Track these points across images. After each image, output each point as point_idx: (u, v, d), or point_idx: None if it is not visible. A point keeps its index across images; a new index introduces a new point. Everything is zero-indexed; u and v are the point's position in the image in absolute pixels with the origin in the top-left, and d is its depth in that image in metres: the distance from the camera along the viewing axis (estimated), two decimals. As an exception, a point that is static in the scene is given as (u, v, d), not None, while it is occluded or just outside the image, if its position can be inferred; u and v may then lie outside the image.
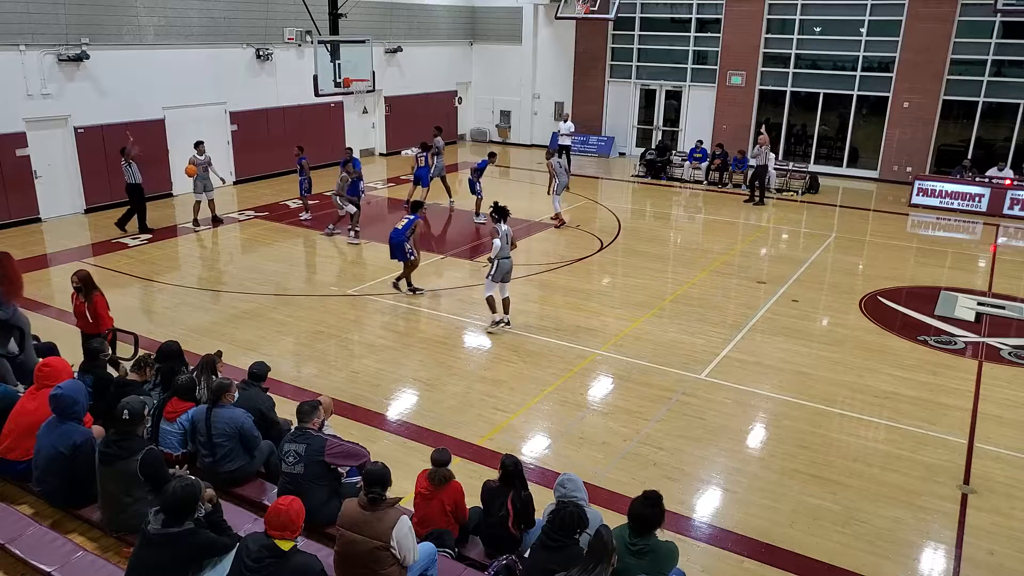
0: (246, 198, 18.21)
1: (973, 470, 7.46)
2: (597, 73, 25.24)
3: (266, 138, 19.81)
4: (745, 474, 7.35)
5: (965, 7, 19.51)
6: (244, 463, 6.05)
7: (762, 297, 12.13)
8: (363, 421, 8.13)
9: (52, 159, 15.68)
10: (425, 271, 13.29)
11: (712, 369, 9.55)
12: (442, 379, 9.21)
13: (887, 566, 6.11)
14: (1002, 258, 14.85)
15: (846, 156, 22.25)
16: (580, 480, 5.07)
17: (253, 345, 9.98)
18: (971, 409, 8.67)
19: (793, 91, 22.35)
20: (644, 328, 10.83)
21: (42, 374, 5.97)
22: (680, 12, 23.67)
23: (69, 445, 5.45)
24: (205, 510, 4.66)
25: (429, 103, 24.97)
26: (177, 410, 6.19)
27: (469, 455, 7.41)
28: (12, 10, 14.51)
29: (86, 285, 8.16)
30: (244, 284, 12.36)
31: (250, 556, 4.23)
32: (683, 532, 6.40)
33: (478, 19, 26.47)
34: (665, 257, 14.65)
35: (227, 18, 18.45)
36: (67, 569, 4.81)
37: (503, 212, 10.38)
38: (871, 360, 9.88)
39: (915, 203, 18.74)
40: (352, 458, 5.65)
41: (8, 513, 5.38)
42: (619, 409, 8.55)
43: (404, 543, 4.59)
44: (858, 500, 6.92)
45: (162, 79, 17.16)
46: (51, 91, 15.38)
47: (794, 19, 21.82)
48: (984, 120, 20.25)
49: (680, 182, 21.42)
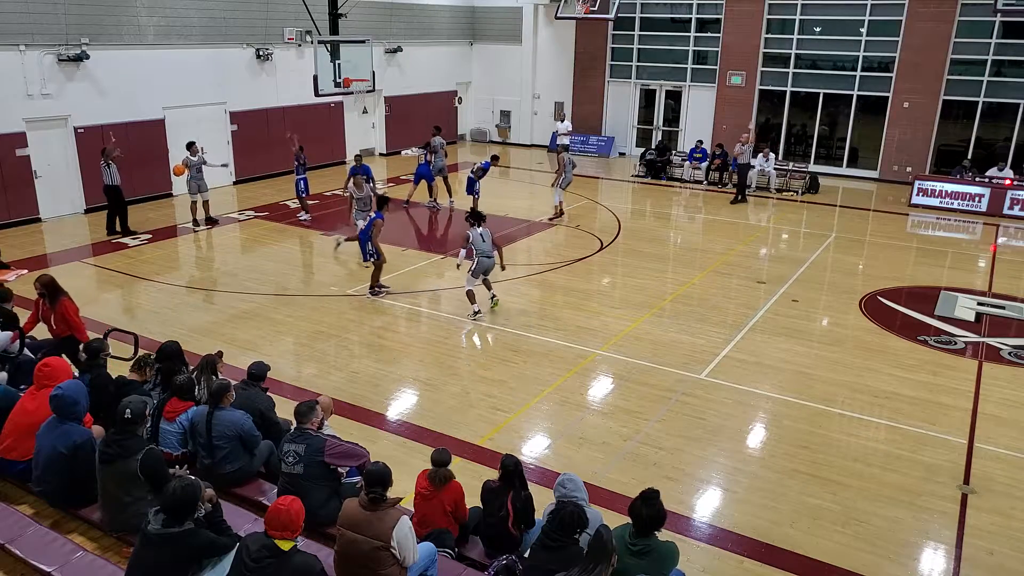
0: (246, 198, 18.20)
1: (973, 470, 7.46)
2: (597, 73, 25.23)
3: (266, 138, 19.81)
4: (745, 474, 7.35)
5: (965, 7, 19.50)
6: (244, 464, 6.05)
7: (762, 297, 12.13)
8: (363, 421, 8.13)
9: (52, 159, 15.69)
10: (425, 271, 13.29)
11: (712, 369, 9.55)
12: (442, 379, 9.21)
13: (887, 566, 6.11)
14: (1002, 258, 14.85)
15: (846, 156, 22.25)
16: (580, 480, 5.07)
17: (253, 345, 9.98)
18: (971, 409, 8.67)
19: (793, 91, 22.36)
20: (644, 328, 10.83)
21: (42, 374, 5.96)
22: (680, 12, 23.67)
23: (69, 445, 5.45)
24: (205, 510, 4.66)
25: (429, 103, 24.98)
26: (176, 410, 6.19)
27: (469, 455, 7.42)
28: (12, 10, 14.51)
29: (50, 291, 7.97)
30: (244, 284, 12.35)
31: (250, 556, 4.23)
32: (683, 532, 6.40)
33: (478, 19, 26.48)
34: (665, 257, 14.65)
35: (227, 18, 18.46)
36: (67, 569, 4.81)
37: (479, 216, 10.98)
38: (871, 360, 9.88)
39: (915, 203, 18.74)
40: (352, 458, 5.65)
41: (8, 513, 5.38)
42: (619, 409, 8.55)
43: (404, 543, 4.59)
44: (858, 500, 6.92)
45: (162, 79, 17.16)
46: (51, 91, 15.38)
47: (794, 19, 21.82)
48: (984, 120, 20.24)
49: (680, 182, 21.43)
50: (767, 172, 20.22)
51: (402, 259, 13.81)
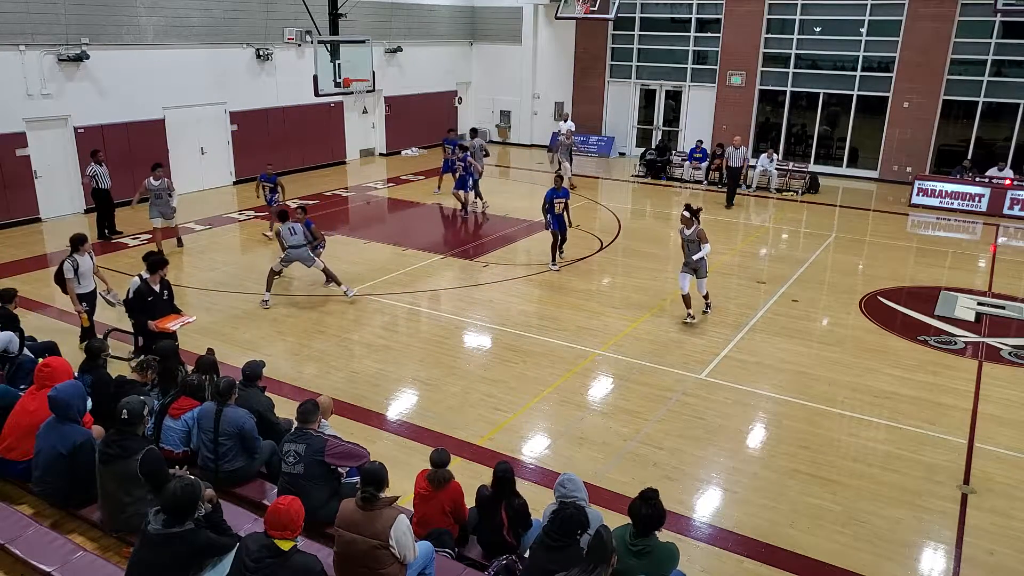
0: (246, 198, 18.18)
1: (973, 470, 7.46)
2: (597, 73, 25.23)
3: (266, 138, 19.81)
4: (745, 474, 7.35)
5: (965, 7, 19.50)
6: (244, 463, 6.06)
7: (762, 297, 12.13)
8: (363, 421, 8.13)
9: (52, 159, 15.69)
10: (425, 271, 13.28)
11: (712, 369, 9.55)
12: (442, 379, 9.21)
13: (887, 566, 6.12)
14: (1002, 258, 14.84)
15: (846, 156, 22.24)
16: (580, 480, 5.07)
17: (253, 345, 9.98)
18: (971, 409, 8.67)
19: (793, 91, 22.35)
20: (644, 328, 10.83)
21: (42, 374, 5.97)
22: (680, 12, 23.66)
23: (69, 445, 5.45)
24: (205, 510, 4.66)
25: (429, 103, 24.98)
26: (183, 408, 6.21)
27: (469, 455, 7.41)
28: (12, 10, 14.51)
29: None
30: (244, 284, 12.36)
31: (250, 556, 4.23)
32: (683, 532, 6.40)
33: (478, 19, 26.48)
34: (665, 257, 14.64)
35: (227, 18, 18.46)
36: (67, 569, 4.81)
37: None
38: (871, 360, 9.88)
39: (915, 203, 18.74)
40: (352, 459, 5.65)
41: (8, 513, 5.38)
42: (619, 409, 8.55)
43: (403, 541, 4.59)
44: (858, 500, 6.92)
45: (162, 79, 17.16)
46: (51, 91, 15.38)
47: (794, 19, 21.81)
48: (984, 120, 20.24)
49: (680, 182, 21.42)
50: (768, 172, 20.22)
51: (402, 259, 13.82)
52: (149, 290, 8.60)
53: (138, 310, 8.66)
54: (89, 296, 9.35)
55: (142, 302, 8.59)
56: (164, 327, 8.53)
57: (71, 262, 9.07)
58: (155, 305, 8.60)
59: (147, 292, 8.59)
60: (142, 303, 8.60)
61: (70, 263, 9.06)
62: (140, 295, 8.59)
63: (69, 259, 9.09)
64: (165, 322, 8.60)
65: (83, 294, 9.25)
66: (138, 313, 8.68)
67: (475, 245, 15.06)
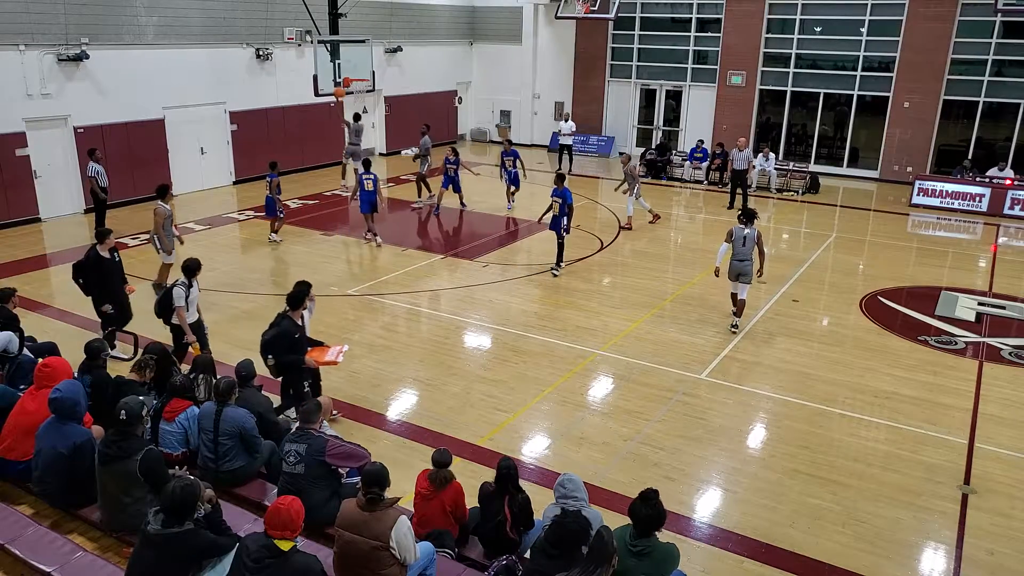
0: (246, 198, 18.19)
1: (973, 470, 7.45)
2: (597, 73, 25.23)
3: (266, 138, 19.81)
4: (745, 474, 7.35)
5: (965, 7, 19.50)
6: (245, 463, 6.06)
7: (762, 297, 12.12)
8: (363, 421, 8.13)
9: (52, 159, 15.68)
10: (425, 271, 13.28)
11: (712, 369, 9.55)
12: (442, 379, 9.21)
13: (887, 566, 6.11)
14: (1002, 258, 14.83)
15: (846, 156, 22.24)
16: (580, 480, 5.06)
17: (253, 345, 9.93)
18: (971, 409, 8.66)
19: (793, 91, 22.35)
20: (644, 328, 10.83)
21: (42, 374, 5.97)
22: (680, 12, 23.67)
23: (69, 445, 5.45)
24: (205, 510, 4.66)
25: (429, 103, 24.97)
26: (176, 410, 6.20)
27: (469, 455, 7.41)
28: (12, 10, 14.51)
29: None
30: (244, 284, 12.35)
31: (250, 556, 4.23)
32: (683, 532, 6.39)
33: (478, 19, 26.48)
34: (665, 257, 14.64)
35: (227, 18, 18.46)
36: (67, 569, 4.81)
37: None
38: (871, 360, 9.87)
39: (915, 203, 18.74)
40: (353, 459, 5.65)
41: (8, 513, 5.38)
42: (619, 409, 8.54)
43: (404, 543, 4.59)
44: (858, 500, 6.92)
45: (162, 79, 17.16)
46: (51, 91, 15.38)
47: (794, 19, 21.81)
48: (984, 120, 20.23)
49: (680, 182, 21.42)
50: (768, 172, 20.22)
51: (403, 259, 13.82)
52: (294, 327, 7.55)
53: (286, 349, 7.49)
54: (195, 326, 8.69)
55: (290, 340, 7.51)
56: (325, 361, 7.71)
57: (182, 289, 8.35)
58: (301, 342, 7.63)
59: (292, 329, 7.52)
60: (290, 342, 7.51)
61: (182, 290, 8.35)
62: (287, 334, 7.50)
63: (181, 285, 8.37)
64: (322, 355, 7.73)
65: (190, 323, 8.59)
66: (285, 352, 7.49)
67: (475, 245, 15.05)
